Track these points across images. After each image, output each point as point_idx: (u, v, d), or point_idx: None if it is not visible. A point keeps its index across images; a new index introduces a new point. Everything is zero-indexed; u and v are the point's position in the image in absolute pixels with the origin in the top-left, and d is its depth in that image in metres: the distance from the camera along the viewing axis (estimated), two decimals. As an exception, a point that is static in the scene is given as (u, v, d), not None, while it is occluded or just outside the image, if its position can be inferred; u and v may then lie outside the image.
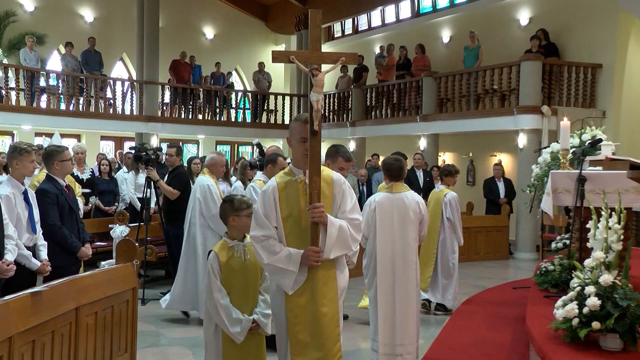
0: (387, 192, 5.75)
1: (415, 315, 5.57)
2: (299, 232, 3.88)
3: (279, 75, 23.44)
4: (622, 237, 4.09)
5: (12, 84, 16.65)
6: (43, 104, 17.56)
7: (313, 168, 3.84)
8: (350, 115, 19.18)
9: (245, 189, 9.35)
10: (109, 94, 18.60)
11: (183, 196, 8.70)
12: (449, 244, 8.26)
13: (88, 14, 20.75)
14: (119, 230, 9.37)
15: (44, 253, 5.48)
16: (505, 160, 15.81)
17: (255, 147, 11.42)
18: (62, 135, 18.19)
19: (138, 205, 10.71)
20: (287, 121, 21.24)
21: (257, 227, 3.90)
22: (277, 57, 4.05)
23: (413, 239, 5.60)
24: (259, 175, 7.43)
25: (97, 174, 11.02)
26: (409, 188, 5.91)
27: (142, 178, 10.19)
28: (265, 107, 21.13)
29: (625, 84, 13.70)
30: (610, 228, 4.10)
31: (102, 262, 9.06)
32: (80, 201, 7.89)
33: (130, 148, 9.01)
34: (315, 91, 3.84)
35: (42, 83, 17.31)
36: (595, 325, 3.79)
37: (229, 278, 4.17)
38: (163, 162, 10.70)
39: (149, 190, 8.92)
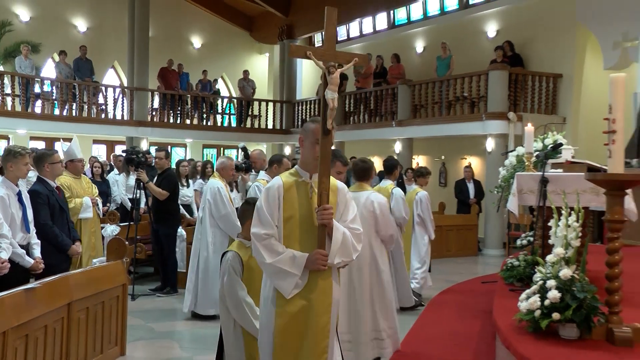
0: (351, 192, 5.72)
1: (369, 307, 5.39)
2: (298, 235, 3.54)
3: (263, 83, 23.44)
4: (580, 234, 4.13)
5: (8, 90, 16.48)
6: (38, 109, 17.47)
7: (323, 168, 3.54)
8: (330, 120, 19.15)
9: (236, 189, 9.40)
10: (100, 100, 18.51)
11: (172, 197, 8.75)
12: (419, 237, 8.62)
13: (81, 24, 20.59)
14: (110, 230, 9.30)
15: (37, 251, 5.43)
16: (475, 163, 15.91)
17: (240, 150, 11.39)
18: (55, 140, 18.15)
19: (129, 205, 10.71)
20: (270, 126, 21.26)
21: (259, 224, 3.52)
22: (294, 51, 3.86)
23: (365, 233, 5.38)
24: (262, 175, 7.41)
25: (89, 176, 10.97)
26: (371, 189, 5.89)
27: (132, 180, 10.15)
28: (250, 113, 21.15)
29: (583, 92, 13.86)
30: (569, 226, 4.13)
31: (94, 260, 8.97)
32: (100, 201, 7.84)
33: (123, 151, 8.99)
34: (331, 89, 3.58)
35: (37, 89, 17.20)
36: (555, 316, 3.82)
37: (249, 277, 4.05)
38: (152, 164, 10.68)
39: (138, 191, 8.93)
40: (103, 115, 18.44)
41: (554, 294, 3.84)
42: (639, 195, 8.42)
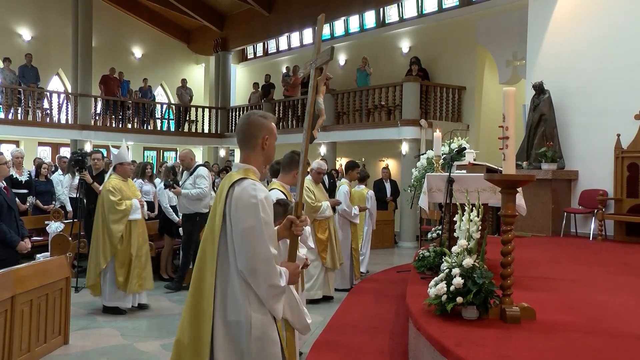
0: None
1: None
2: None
3: (199, 91, 23.16)
4: (480, 227, 4.29)
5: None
6: (-17, 114, 16.63)
7: (303, 177, 2.99)
8: (261, 125, 19.13)
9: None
10: (45, 105, 17.84)
11: None
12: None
13: (26, 33, 19.67)
14: (55, 226, 8.95)
15: None
16: (391, 164, 16.18)
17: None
18: (1, 142, 17.30)
19: (69, 206, 10.37)
20: (206, 130, 21.04)
21: (270, 242, 2.60)
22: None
23: None
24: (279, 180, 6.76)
25: (34, 176, 10.60)
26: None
27: (77, 180, 9.83)
28: (187, 118, 20.90)
29: (483, 103, 14.36)
30: (471, 220, 4.28)
31: (38, 255, 8.62)
32: (145, 203, 7.47)
33: (73, 153, 8.72)
34: (320, 98, 3.24)
35: (-19, 95, 16.36)
36: (459, 299, 3.95)
37: None
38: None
39: (82, 190, 8.65)
40: (48, 119, 17.77)
41: (458, 281, 3.96)
42: (528, 193, 8.84)
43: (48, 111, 17.84)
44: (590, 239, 9.65)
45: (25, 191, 9.89)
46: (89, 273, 6.83)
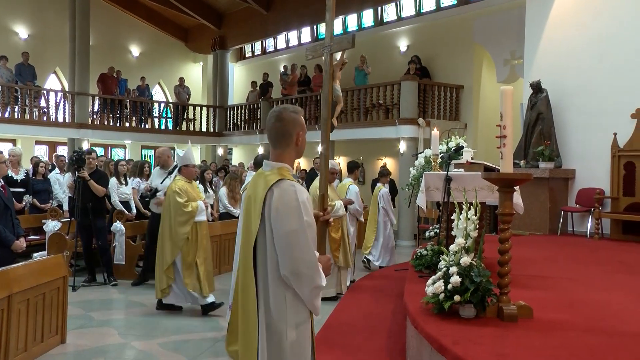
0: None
1: None
2: None
3: (197, 89, 23.14)
4: (477, 226, 4.28)
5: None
6: (-21, 112, 16.57)
7: (325, 167, 3.03)
8: (259, 124, 19.13)
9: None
10: (43, 103, 17.77)
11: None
12: (382, 224, 9.91)
13: (22, 31, 19.61)
14: (52, 225, 8.94)
15: None
16: (389, 163, 16.16)
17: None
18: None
19: (65, 204, 10.35)
20: (204, 129, 21.02)
21: (314, 245, 2.58)
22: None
23: None
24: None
25: (31, 175, 10.58)
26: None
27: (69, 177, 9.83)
28: (185, 117, 20.88)
29: (481, 102, 14.38)
30: (469, 219, 4.27)
31: (35, 254, 8.59)
32: (210, 204, 7.44)
33: (74, 152, 8.75)
34: (338, 84, 3.16)
35: (-22, 92, 16.31)
36: (457, 298, 3.94)
37: None
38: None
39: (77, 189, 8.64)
40: (45, 118, 17.71)
41: (455, 279, 3.95)
42: (525, 192, 8.85)
43: (45, 110, 17.78)
44: (587, 237, 9.66)
45: (22, 190, 9.89)
46: (159, 278, 6.78)
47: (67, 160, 11.17)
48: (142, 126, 19.78)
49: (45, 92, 18.06)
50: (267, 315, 2.58)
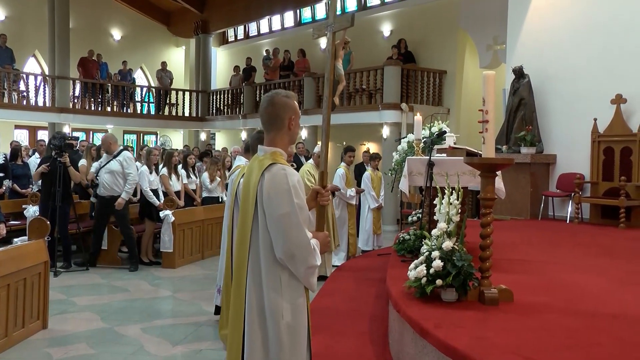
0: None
1: None
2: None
3: (180, 73, 22.93)
4: (459, 211, 4.30)
5: None
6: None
7: (326, 146, 3.02)
8: (242, 108, 19.03)
9: (151, 173, 9.17)
10: (22, 87, 17.47)
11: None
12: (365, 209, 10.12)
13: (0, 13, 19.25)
14: (32, 210, 8.86)
15: None
16: (372, 148, 16.14)
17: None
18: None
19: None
20: (187, 113, 20.86)
21: (305, 226, 2.59)
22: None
23: None
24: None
25: (10, 159, 10.42)
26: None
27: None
28: (168, 101, 20.71)
29: (464, 87, 14.41)
30: (451, 204, 4.29)
31: (15, 239, 8.50)
32: None
33: (54, 136, 8.65)
34: (340, 63, 3.20)
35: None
36: (439, 282, 3.96)
37: None
38: (77, 148, 10.42)
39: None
40: (25, 102, 17.43)
41: (437, 263, 3.97)
42: (507, 177, 8.91)
43: (25, 93, 17.50)
44: (567, 221, 9.77)
45: (1, 174, 9.75)
46: None
47: (48, 144, 11.00)
48: (125, 111, 19.60)
49: (24, 76, 17.77)
50: (258, 298, 2.61)
